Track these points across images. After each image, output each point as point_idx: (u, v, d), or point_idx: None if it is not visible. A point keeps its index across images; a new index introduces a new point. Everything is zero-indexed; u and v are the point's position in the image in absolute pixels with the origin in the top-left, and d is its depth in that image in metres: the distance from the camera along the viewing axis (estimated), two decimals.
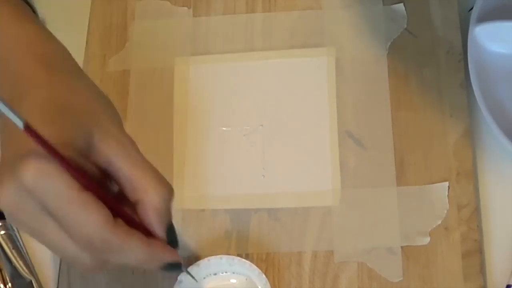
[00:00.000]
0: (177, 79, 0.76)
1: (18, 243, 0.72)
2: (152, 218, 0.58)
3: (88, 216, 0.55)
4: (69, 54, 0.63)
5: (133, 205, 0.58)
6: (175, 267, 0.60)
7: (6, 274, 0.71)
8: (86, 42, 0.78)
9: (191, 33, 0.78)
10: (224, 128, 0.74)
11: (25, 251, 0.72)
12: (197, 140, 0.74)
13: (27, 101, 0.56)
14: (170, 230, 0.60)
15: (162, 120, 0.75)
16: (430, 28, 0.75)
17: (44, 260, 0.72)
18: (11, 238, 0.72)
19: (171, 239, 0.60)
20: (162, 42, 0.78)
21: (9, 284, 0.70)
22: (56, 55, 0.61)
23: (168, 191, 0.59)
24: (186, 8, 0.79)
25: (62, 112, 0.57)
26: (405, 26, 0.76)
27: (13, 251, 0.71)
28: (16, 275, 0.71)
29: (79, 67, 0.62)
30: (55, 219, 0.55)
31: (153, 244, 0.58)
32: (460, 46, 0.74)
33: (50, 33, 0.63)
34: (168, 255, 0.59)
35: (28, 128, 0.52)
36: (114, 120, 0.60)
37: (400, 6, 0.76)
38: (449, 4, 0.76)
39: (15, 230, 0.72)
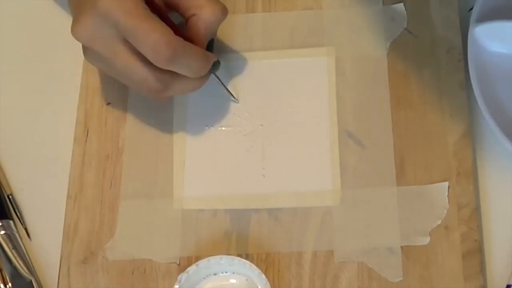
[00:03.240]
0: None
1: (18, 243, 0.72)
2: (202, 29, 0.69)
3: (154, 25, 0.66)
4: None
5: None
6: (216, 66, 0.71)
7: (6, 274, 0.71)
8: None
9: None
10: (224, 128, 0.74)
11: (25, 251, 0.72)
12: (197, 140, 0.74)
13: None
14: (210, 43, 0.71)
15: (162, 120, 0.75)
16: (430, 28, 0.75)
17: (44, 260, 0.72)
18: (11, 238, 0.72)
19: (209, 50, 0.71)
20: None
21: (9, 284, 0.70)
22: None
23: (221, 10, 0.70)
24: None
25: None
26: (405, 26, 0.76)
27: (13, 251, 0.71)
28: (16, 275, 0.70)
29: None
30: (128, 38, 0.66)
31: (203, 50, 0.69)
32: (460, 46, 0.74)
33: None
34: (213, 56, 0.70)
35: None
36: None
37: (400, 6, 0.76)
38: (449, 4, 0.76)
39: (15, 230, 0.72)
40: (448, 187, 0.70)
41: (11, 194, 0.74)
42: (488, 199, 0.70)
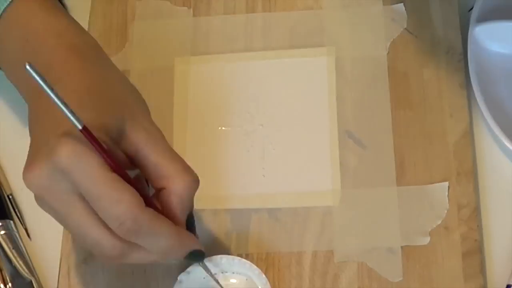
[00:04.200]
0: (177, 79, 0.76)
1: (18, 243, 0.72)
2: (175, 205, 0.60)
3: (121, 195, 0.56)
4: (100, 47, 0.64)
5: (154, 196, 0.60)
6: (198, 256, 0.63)
7: (6, 274, 0.71)
8: None
9: (191, 33, 0.78)
10: (224, 128, 0.74)
11: (25, 251, 0.72)
12: (197, 140, 0.74)
13: (61, 88, 0.57)
14: (190, 220, 0.62)
15: (162, 120, 0.74)
16: (430, 28, 0.75)
17: (44, 260, 0.72)
18: (11, 238, 0.72)
19: (190, 228, 0.62)
20: (162, 42, 0.78)
21: (9, 284, 0.70)
22: (87, 46, 0.63)
23: (194, 181, 0.61)
24: (186, 8, 0.79)
25: (96, 98, 0.59)
26: (405, 26, 0.76)
27: (13, 251, 0.71)
28: (16, 275, 0.70)
29: (109, 59, 0.64)
30: (87, 200, 0.57)
31: (180, 230, 0.60)
32: (460, 46, 0.74)
33: (80, 26, 0.65)
34: (194, 243, 0.62)
35: (85, 129, 0.55)
36: (145, 111, 0.63)
37: (400, 6, 0.76)
38: (449, 4, 0.76)
39: (15, 230, 0.72)
40: (448, 187, 0.70)
41: (11, 194, 0.74)
42: (488, 199, 0.70)
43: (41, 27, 0.63)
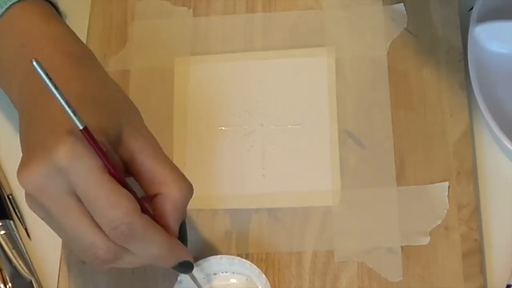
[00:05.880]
0: (177, 79, 0.76)
1: (18, 243, 0.72)
2: (169, 212, 0.59)
3: (119, 199, 0.56)
4: (94, 56, 0.65)
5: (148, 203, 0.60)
6: (187, 268, 0.63)
7: (6, 274, 0.71)
8: (86, 42, 0.78)
9: (191, 33, 0.78)
10: (224, 128, 0.74)
11: (25, 251, 0.72)
12: (197, 140, 0.74)
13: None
14: (182, 229, 0.62)
15: (162, 120, 0.75)
16: (430, 28, 0.75)
17: (44, 260, 0.72)
18: (11, 238, 0.72)
19: (182, 236, 0.62)
20: (162, 42, 0.78)
21: (9, 284, 0.70)
22: (82, 54, 0.64)
23: (189, 188, 0.60)
24: (186, 8, 0.79)
25: (95, 103, 0.60)
26: (405, 26, 0.76)
27: (13, 251, 0.71)
28: (16, 275, 0.70)
29: (103, 68, 0.65)
30: (83, 202, 0.56)
31: (173, 240, 0.60)
32: (460, 46, 0.74)
33: (76, 35, 0.66)
34: (185, 254, 0.61)
35: (86, 130, 0.55)
36: (140, 119, 0.63)
37: (400, 6, 0.76)
38: (449, 4, 0.76)
39: (15, 230, 0.72)
40: (448, 187, 0.70)
41: (11, 194, 0.74)
42: (488, 199, 0.70)
43: (38, 34, 0.64)
